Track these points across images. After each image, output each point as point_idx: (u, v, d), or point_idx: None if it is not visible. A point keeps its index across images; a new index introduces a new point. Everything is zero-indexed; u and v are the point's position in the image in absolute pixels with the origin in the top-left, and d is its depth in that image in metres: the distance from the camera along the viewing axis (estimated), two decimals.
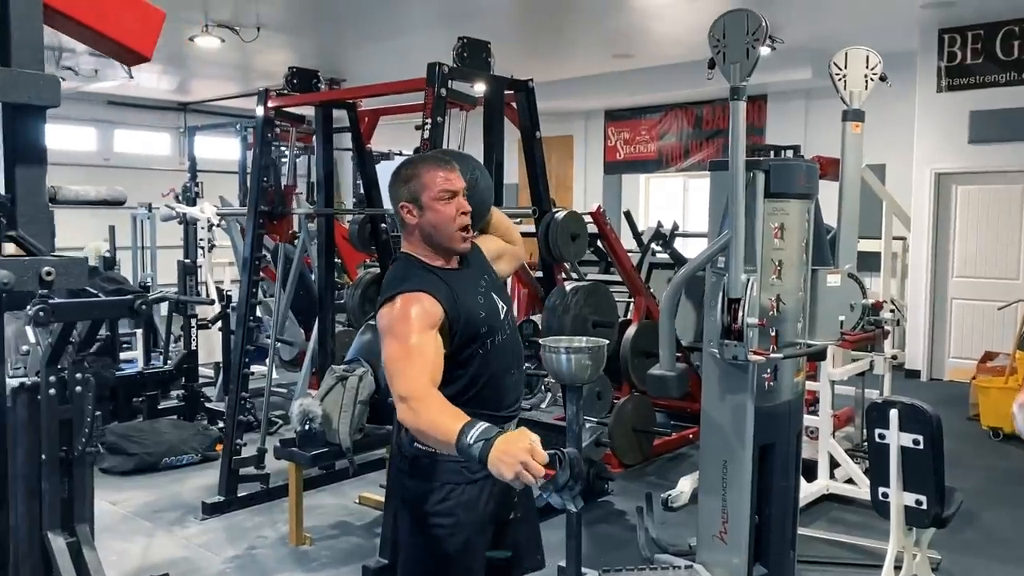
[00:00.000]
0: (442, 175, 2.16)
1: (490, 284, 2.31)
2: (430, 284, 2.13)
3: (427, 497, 2.20)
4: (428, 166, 2.18)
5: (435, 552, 2.21)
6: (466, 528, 2.22)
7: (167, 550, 4.06)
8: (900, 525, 3.16)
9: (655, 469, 5.31)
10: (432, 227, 2.18)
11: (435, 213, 2.16)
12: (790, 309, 3.42)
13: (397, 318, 2.06)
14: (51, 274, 1.26)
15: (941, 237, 8.04)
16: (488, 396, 2.21)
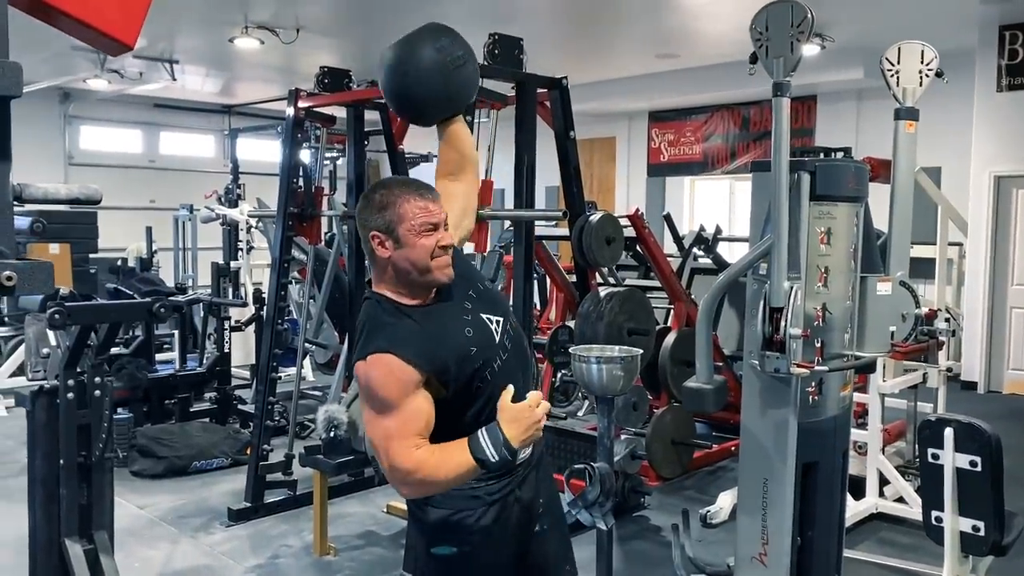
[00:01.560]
0: (421, 205, 1.91)
1: (477, 303, 2.05)
2: (402, 339, 1.89)
3: (442, 527, 2.05)
4: (406, 194, 1.92)
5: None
6: (484, 553, 2.08)
7: (190, 558, 4.00)
8: (955, 552, 2.95)
9: (694, 483, 5.12)
10: (409, 263, 1.92)
11: (412, 248, 1.91)
12: (837, 319, 3.22)
13: (372, 385, 1.87)
14: (12, 279, 1.14)
15: (1000, 243, 7.69)
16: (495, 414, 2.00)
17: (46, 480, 3.29)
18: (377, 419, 1.88)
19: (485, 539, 2.05)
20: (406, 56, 2.18)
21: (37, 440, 3.23)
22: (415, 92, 2.22)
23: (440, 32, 2.25)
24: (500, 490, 2.07)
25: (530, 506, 2.17)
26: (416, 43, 2.19)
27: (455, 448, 1.86)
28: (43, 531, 3.26)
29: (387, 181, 2.02)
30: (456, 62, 2.20)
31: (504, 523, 2.08)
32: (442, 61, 2.17)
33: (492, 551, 2.08)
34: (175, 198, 10.26)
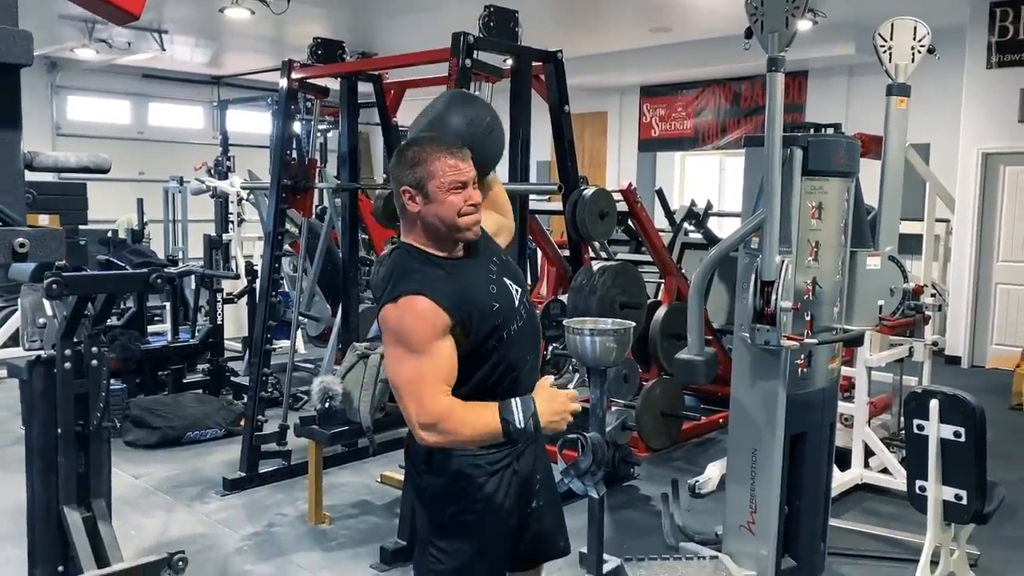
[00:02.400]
0: (452, 163, 1.97)
1: (501, 268, 2.13)
2: (433, 283, 1.95)
3: (445, 495, 2.10)
4: (437, 152, 1.98)
5: (458, 550, 2.11)
6: (487, 522, 2.13)
7: (186, 526, 4.04)
8: (938, 520, 3.02)
9: (683, 454, 5.20)
10: (437, 218, 1.99)
11: (441, 205, 1.97)
12: (827, 292, 3.27)
13: (403, 327, 1.91)
14: (24, 246, 1.17)
15: (987, 219, 7.77)
16: (504, 389, 2.05)
17: (44, 449, 3.31)
18: (406, 360, 1.90)
19: (485, 507, 2.10)
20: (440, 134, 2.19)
21: (34, 410, 3.25)
22: (498, 158, 2.32)
23: (465, 103, 2.31)
24: (501, 460, 2.12)
25: (528, 480, 2.22)
26: (446, 119, 2.23)
27: (483, 408, 1.92)
28: (41, 499, 3.29)
29: (420, 138, 2.07)
30: (485, 130, 2.26)
31: (504, 493, 2.13)
32: (473, 133, 2.21)
33: (493, 519, 2.13)
34: (164, 170, 10.20)
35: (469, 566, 2.11)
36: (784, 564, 3.38)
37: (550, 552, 2.40)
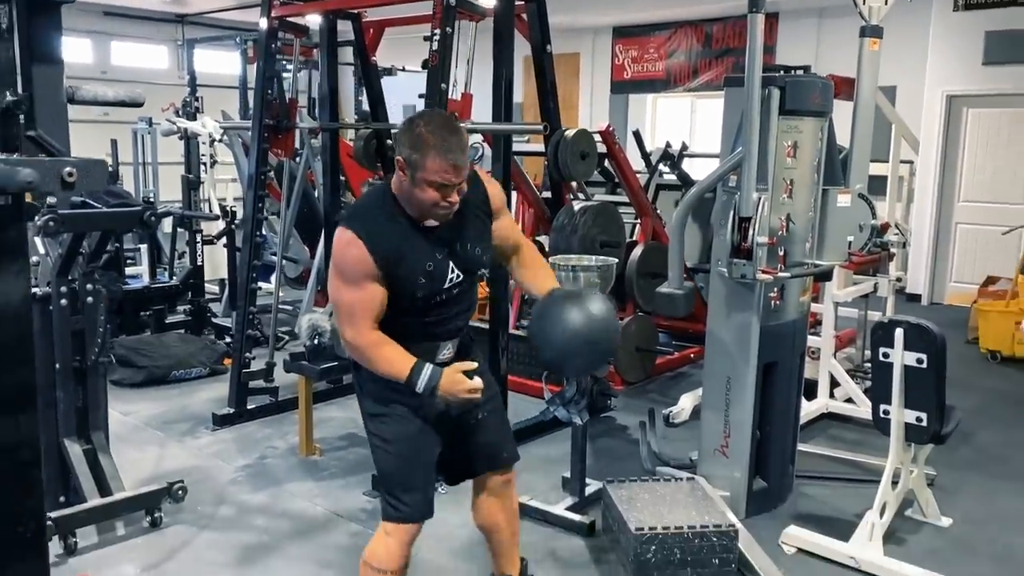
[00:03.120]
0: (444, 166, 2.10)
1: (456, 250, 2.30)
2: (379, 234, 2.17)
3: (379, 394, 2.36)
4: (437, 147, 2.09)
5: (384, 432, 2.37)
6: (401, 411, 2.35)
7: (180, 459, 4.15)
8: (900, 441, 3.23)
9: (656, 387, 5.39)
10: (413, 197, 2.17)
11: (422, 192, 2.14)
12: (799, 228, 3.43)
13: (341, 260, 2.18)
14: (72, 175, 1.25)
15: (949, 161, 7.97)
16: (414, 332, 2.31)
17: (43, 385, 3.39)
18: (343, 289, 2.21)
19: (411, 411, 2.34)
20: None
21: None
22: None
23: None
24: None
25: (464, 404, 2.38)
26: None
27: (401, 357, 2.23)
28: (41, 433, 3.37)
29: (432, 119, 2.16)
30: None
31: (430, 405, 2.33)
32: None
33: (420, 417, 2.36)
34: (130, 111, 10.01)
35: (395, 444, 2.35)
36: (755, 485, 3.60)
37: (498, 460, 2.59)
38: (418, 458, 2.38)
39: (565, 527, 3.41)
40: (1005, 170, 7.68)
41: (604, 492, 3.42)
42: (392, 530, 2.37)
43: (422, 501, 2.38)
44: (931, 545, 3.35)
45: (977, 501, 3.78)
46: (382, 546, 2.37)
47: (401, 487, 2.36)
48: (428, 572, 3.06)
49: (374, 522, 3.44)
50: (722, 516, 3.15)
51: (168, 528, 3.40)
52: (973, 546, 3.36)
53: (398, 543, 2.36)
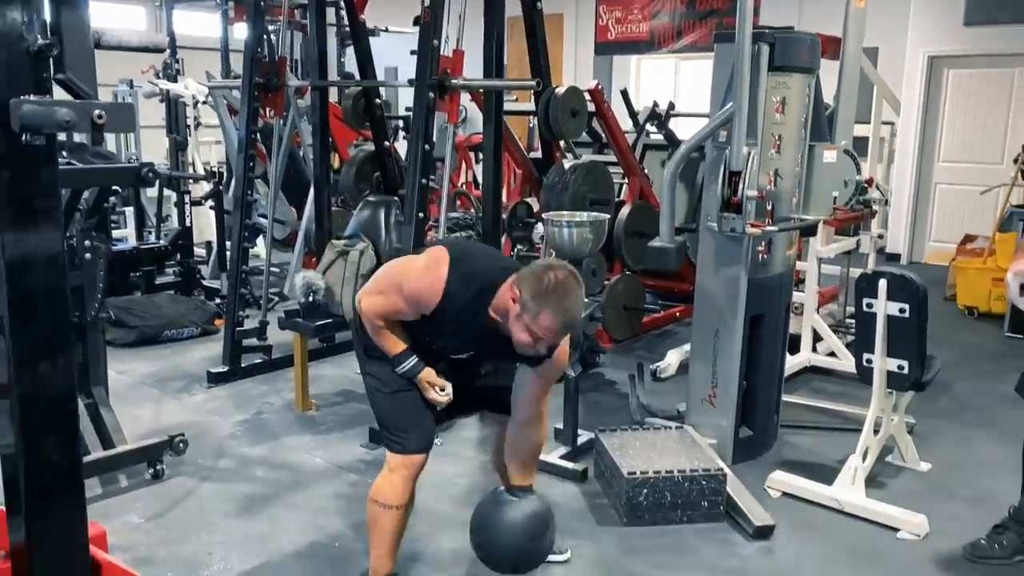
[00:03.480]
0: (554, 329, 2.22)
1: (484, 350, 2.51)
2: (457, 303, 2.32)
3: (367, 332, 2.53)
4: (555, 313, 2.20)
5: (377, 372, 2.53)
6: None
7: (177, 415, 4.21)
8: (882, 388, 3.34)
9: (643, 344, 5.49)
10: (508, 323, 2.28)
11: (520, 330, 2.24)
12: (787, 184, 3.51)
13: (416, 270, 2.38)
14: (102, 116, 1.29)
15: (930, 122, 8.07)
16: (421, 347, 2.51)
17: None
18: (395, 282, 2.41)
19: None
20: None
21: None
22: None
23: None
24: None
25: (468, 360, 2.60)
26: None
27: (396, 343, 2.46)
28: None
29: (563, 277, 2.24)
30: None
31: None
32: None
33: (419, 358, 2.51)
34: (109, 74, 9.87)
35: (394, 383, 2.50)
36: (741, 433, 3.72)
37: (497, 403, 2.70)
38: (415, 394, 2.50)
39: (559, 474, 3.51)
40: (984, 130, 7.79)
41: (597, 440, 3.52)
42: (396, 465, 2.47)
43: (422, 433, 2.50)
44: (911, 488, 3.49)
45: (954, 447, 3.92)
46: (387, 482, 2.48)
47: (401, 423, 2.49)
48: (429, 518, 3.15)
49: (373, 472, 3.52)
50: (710, 461, 3.27)
51: (170, 480, 3.47)
52: (950, 489, 3.49)
53: (402, 478, 2.46)
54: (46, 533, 1.44)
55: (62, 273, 1.41)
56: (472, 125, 9.73)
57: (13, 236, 1.31)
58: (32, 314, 1.38)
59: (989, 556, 2.90)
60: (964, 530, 3.07)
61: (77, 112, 1.25)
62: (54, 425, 1.43)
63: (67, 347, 1.44)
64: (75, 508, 1.49)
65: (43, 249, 1.37)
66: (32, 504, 1.43)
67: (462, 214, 6.37)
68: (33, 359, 1.38)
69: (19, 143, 1.27)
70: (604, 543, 3.03)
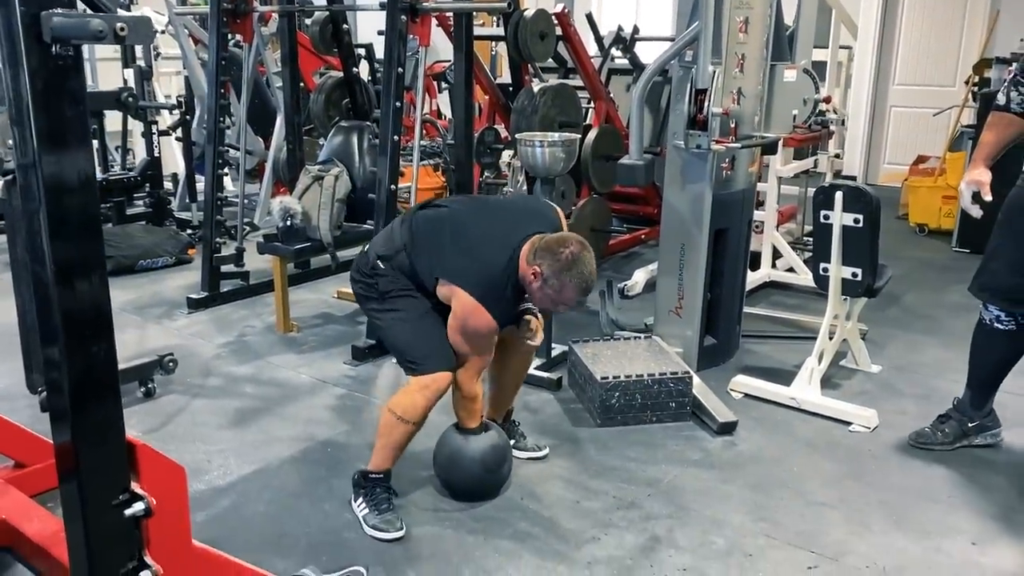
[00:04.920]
0: (572, 299, 2.53)
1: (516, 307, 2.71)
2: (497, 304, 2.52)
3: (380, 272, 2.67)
4: (575, 286, 2.47)
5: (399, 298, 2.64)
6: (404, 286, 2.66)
7: (160, 339, 4.31)
8: (837, 294, 3.56)
9: (611, 265, 5.67)
10: (531, 292, 2.53)
11: (543, 298, 2.52)
12: (749, 102, 3.65)
13: (471, 325, 2.53)
14: (124, 29, 1.38)
15: (886, 46, 8.25)
16: None
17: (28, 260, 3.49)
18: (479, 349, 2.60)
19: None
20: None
21: (15, 225, 3.40)
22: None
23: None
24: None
25: None
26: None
27: None
28: (31, 310, 3.50)
29: (577, 254, 2.47)
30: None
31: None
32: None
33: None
34: None
35: (410, 312, 2.63)
36: (706, 342, 3.93)
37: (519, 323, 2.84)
38: (431, 320, 2.62)
39: (536, 384, 3.70)
40: (938, 54, 7.99)
41: (570, 351, 3.71)
42: (421, 386, 2.56)
43: (445, 353, 2.59)
44: (862, 388, 3.75)
45: (903, 351, 4.19)
46: (409, 398, 2.57)
47: (424, 347, 2.59)
48: None
49: (358, 386, 3.72)
50: (678, 366, 3.48)
51: (162, 398, 3.60)
52: (899, 388, 3.76)
53: (424, 398, 2.55)
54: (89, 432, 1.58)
55: (94, 187, 1.50)
56: (434, 54, 9.68)
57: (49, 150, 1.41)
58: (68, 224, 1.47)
59: (932, 443, 3.17)
60: (911, 423, 3.33)
61: (107, 22, 1.34)
62: (94, 332, 1.54)
63: (101, 261, 1.54)
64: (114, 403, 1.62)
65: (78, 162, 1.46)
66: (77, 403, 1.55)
67: (428, 142, 6.43)
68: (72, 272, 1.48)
69: (49, 54, 1.36)
70: (580, 442, 3.24)
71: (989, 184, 2.77)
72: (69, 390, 1.56)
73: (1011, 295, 2.94)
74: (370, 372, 3.88)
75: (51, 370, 1.58)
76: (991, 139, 2.87)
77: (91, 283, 1.55)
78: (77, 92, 1.45)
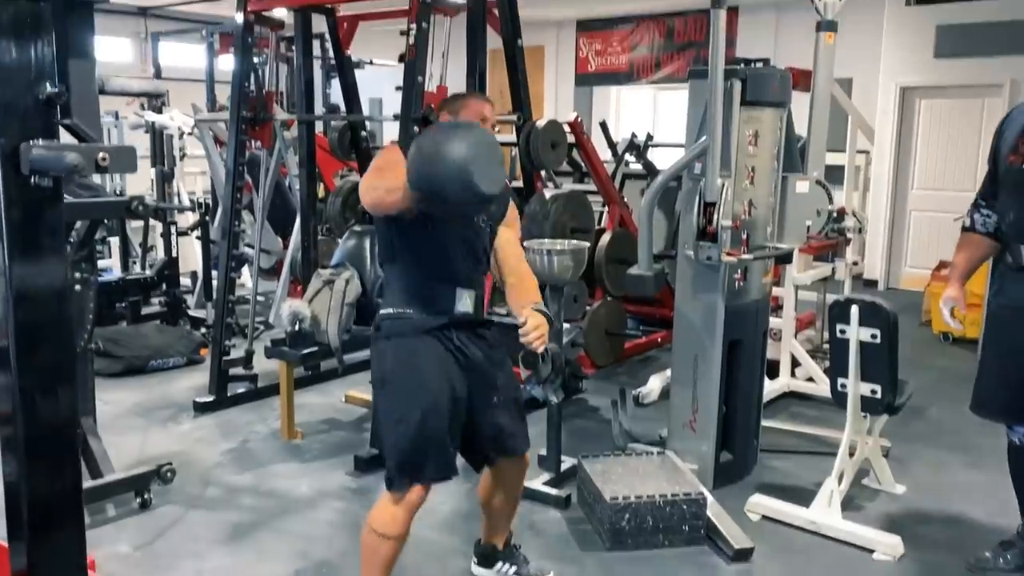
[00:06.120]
0: (481, 103, 2.62)
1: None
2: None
3: (384, 351, 2.53)
4: (474, 98, 2.66)
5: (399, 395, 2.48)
6: (404, 378, 2.48)
7: (163, 444, 4.24)
8: (856, 412, 3.43)
9: (626, 370, 5.57)
10: None
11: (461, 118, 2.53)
12: (761, 214, 3.62)
13: (384, 156, 2.52)
14: (105, 159, 1.37)
15: (904, 151, 8.27)
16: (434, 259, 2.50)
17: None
18: (377, 167, 2.46)
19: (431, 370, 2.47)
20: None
21: None
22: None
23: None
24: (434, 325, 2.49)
25: (480, 370, 2.59)
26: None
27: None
28: None
29: (460, 94, 2.75)
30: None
31: (429, 357, 2.48)
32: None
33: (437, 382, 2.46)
34: None
35: (409, 414, 2.44)
36: (722, 458, 3.79)
37: (509, 446, 2.69)
38: (430, 427, 2.44)
39: (543, 501, 3.56)
40: (956, 159, 7.98)
41: (579, 466, 3.58)
42: (400, 497, 2.44)
43: (443, 461, 2.47)
44: (886, 510, 3.56)
45: (929, 471, 4.01)
46: (388, 513, 2.46)
47: (420, 450, 2.43)
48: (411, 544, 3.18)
49: (358, 499, 3.59)
50: (691, 486, 3.34)
51: (158, 509, 3.49)
52: (925, 512, 3.57)
53: (404, 510, 2.44)
54: (48, 558, 1.49)
55: (67, 306, 1.47)
56: None
57: (21, 272, 1.38)
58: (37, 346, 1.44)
59: (992, 569, 2.99)
60: (938, 551, 3.15)
61: (83, 155, 1.32)
62: (57, 452, 1.49)
63: (70, 377, 1.50)
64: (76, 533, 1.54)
65: (49, 284, 1.43)
66: (35, 530, 1.47)
67: None
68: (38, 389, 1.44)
69: (28, 184, 1.35)
70: (587, 568, 3.08)
71: (964, 300, 3.06)
72: (28, 512, 1.49)
73: (1007, 409, 2.93)
74: (372, 484, 3.76)
75: (10, 489, 1.52)
76: (962, 259, 3.18)
77: (59, 399, 1.50)
78: (54, 220, 1.43)
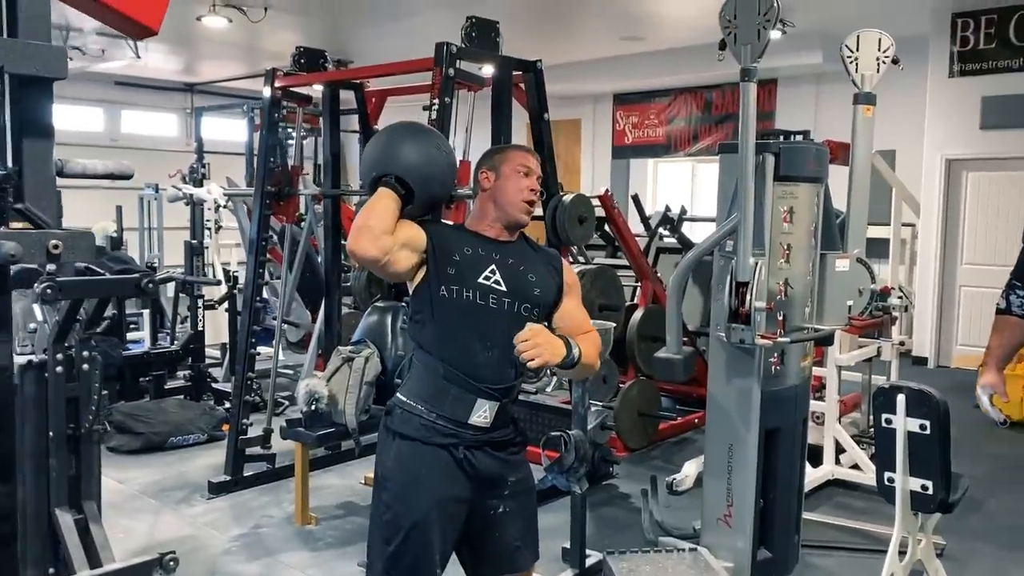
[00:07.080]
0: (525, 155, 2.42)
1: (508, 266, 2.28)
2: (441, 232, 2.32)
3: (383, 447, 2.31)
4: (516, 150, 2.45)
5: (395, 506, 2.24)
6: (402, 483, 2.23)
7: (173, 528, 4.09)
8: (905, 510, 3.15)
9: (660, 453, 5.32)
10: (497, 198, 2.34)
11: (508, 180, 2.34)
12: (798, 293, 3.40)
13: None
14: (58, 247, 1.26)
15: (951, 224, 8.00)
16: (454, 353, 2.22)
17: (35, 452, 3.34)
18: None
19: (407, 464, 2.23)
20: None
21: (26, 413, 3.28)
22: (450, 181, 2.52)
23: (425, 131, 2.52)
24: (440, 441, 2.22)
25: (486, 478, 2.27)
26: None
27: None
28: (32, 502, 3.31)
29: (504, 145, 2.53)
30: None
31: (430, 466, 2.21)
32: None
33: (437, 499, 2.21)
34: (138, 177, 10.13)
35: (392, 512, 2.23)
36: (760, 556, 3.50)
37: (515, 561, 2.39)
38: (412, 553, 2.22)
39: None
40: (1006, 232, 7.68)
41: (605, 564, 3.33)
42: None
43: None
44: None
45: (989, 572, 3.68)
46: None
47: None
48: None
49: None
50: None
51: None
52: None
53: None
54: None
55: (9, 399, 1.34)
56: None
57: None
58: None
59: None
60: None
61: (26, 243, 1.20)
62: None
63: (9, 473, 1.35)
64: None
65: None
66: None
67: None
68: None
69: None
70: None
71: (1003, 386, 2.92)
72: None
73: None
74: None
75: None
76: (997, 343, 3.05)
77: None
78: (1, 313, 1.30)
